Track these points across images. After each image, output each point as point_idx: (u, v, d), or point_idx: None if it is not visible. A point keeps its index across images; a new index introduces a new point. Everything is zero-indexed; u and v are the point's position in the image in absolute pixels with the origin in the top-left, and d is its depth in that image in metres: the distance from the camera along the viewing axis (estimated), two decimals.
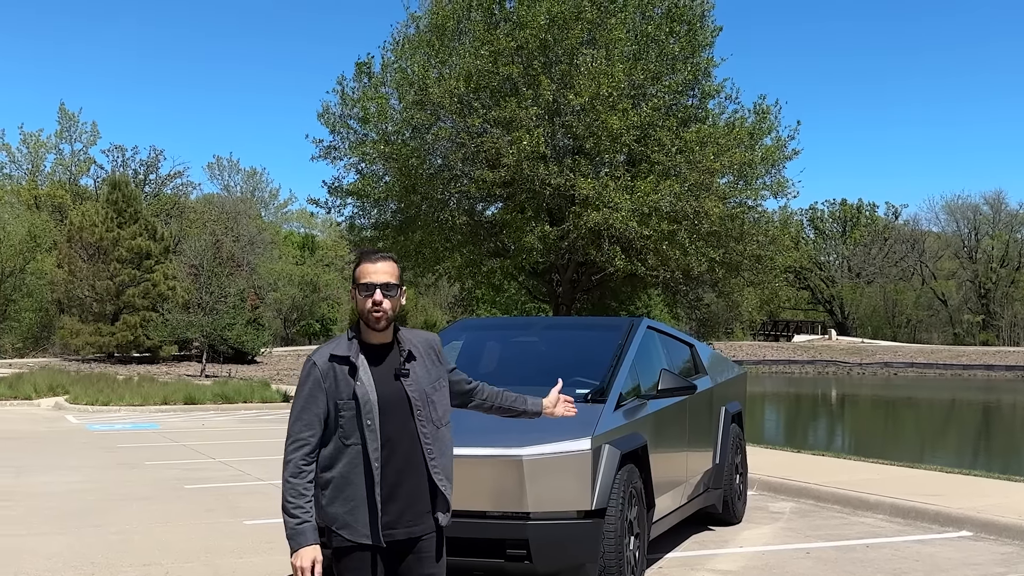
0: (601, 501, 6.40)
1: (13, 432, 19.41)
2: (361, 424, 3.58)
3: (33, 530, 9.36)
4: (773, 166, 23.96)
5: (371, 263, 3.71)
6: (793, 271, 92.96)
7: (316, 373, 3.63)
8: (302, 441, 3.58)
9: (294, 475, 3.56)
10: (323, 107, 24.71)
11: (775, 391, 43.72)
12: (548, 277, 25.38)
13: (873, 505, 10.43)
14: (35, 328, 58.93)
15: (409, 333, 3.84)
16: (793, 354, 72.26)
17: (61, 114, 73.35)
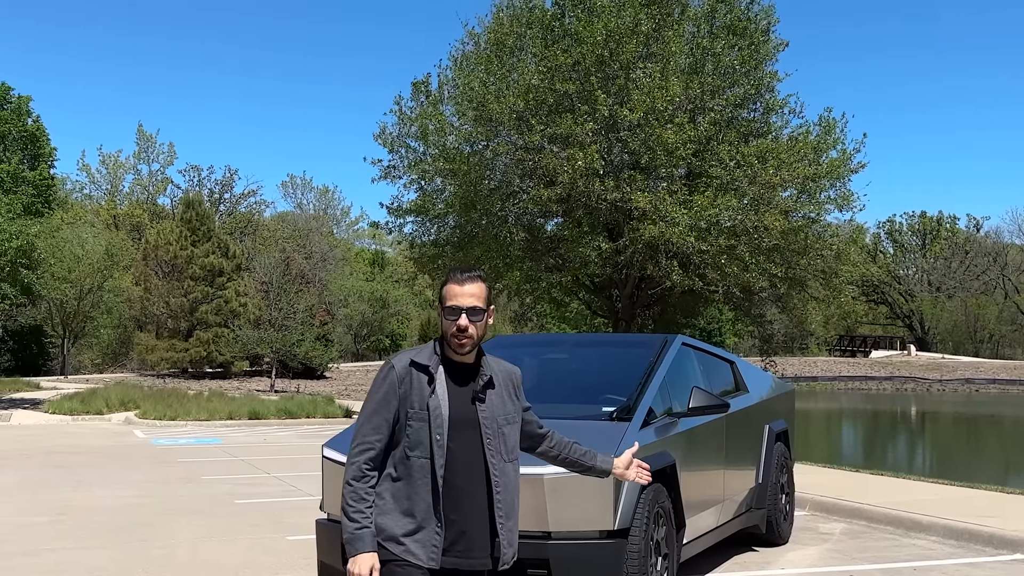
0: (624, 521, 6.30)
1: (81, 447, 19.86)
2: (430, 437, 3.45)
3: (80, 544, 9.54)
4: (838, 179, 23.55)
5: (458, 284, 3.55)
6: (870, 285, 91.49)
7: (393, 377, 3.52)
8: (367, 445, 3.47)
9: (356, 478, 3.45)
10: (380, 128, 25.00)
11: (850, 408, 42.86)
12: (608, 292, 25.25)
13: (926, 527, 10.14)
14: (114, 344, 60.36)
15: (493, 361, 3.73)
16: (870, 370, 70.85)
17: (139, 135, 75.36)
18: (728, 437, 8.39)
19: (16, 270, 28.09)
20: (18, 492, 13.11)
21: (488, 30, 24.18)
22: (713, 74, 22.67)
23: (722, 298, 23.59)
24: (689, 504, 7.34)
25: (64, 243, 46.57)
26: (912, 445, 27.51)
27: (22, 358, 55.38)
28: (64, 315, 51.30)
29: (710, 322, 74.29)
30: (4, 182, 43.68)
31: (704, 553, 8.62)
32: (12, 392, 36.41)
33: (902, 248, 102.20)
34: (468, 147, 23.78)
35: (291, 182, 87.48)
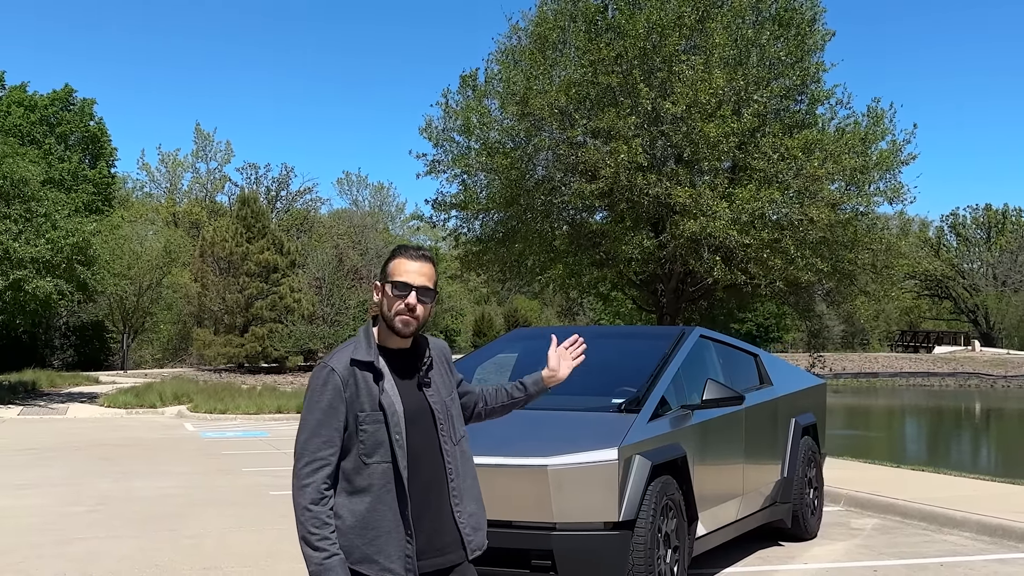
0: (629, 513, 6.27)
1: (130, 439, 20.25)
2: (390, 438, 3.14)
3: (112, 533, 9.73)
4: (888, 171, 23.15)
5: (410, 260, 3.27)
6: (933, 279, 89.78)
7: (336, 381, 3.15)
8: (321, 461, 3.11)
9: (315, 502, 3.09)
10: (426, 121, 25.16)
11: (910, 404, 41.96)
12: (653, 287, 25.12)
13: (960, 522, 9.94)
14: (173, 340, 61.43)
15: (421, 338, 3.41)
16: (932, 366, 69.49)
17: (197, 134, 76.54)
18: (748, 430, 8.30)
19: (72, 267, 28.70)
20: (62, 483, 13.41)
21: (532, 23, 24.18)
22: (758, 65, 22.44)
23: (767, 292, 23.31)
24: (703, 497, 7.28)
25: (124, 240, 47.50)
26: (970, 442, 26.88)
27: (84, 353, 56.63)
28: (124, 311, 52.32)
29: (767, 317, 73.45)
30: (65, 180, 44.77)
31: (727, 546, 8.57)
32: (71, 386, 37.28)
33: (966, 242, 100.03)
34: (511, 141, 23.81)
35: (346, 179, 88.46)
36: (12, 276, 26.65)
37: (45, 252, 27.19)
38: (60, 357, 55.86)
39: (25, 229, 27.52)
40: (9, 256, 26.65)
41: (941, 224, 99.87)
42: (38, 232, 27.59)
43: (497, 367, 8.60)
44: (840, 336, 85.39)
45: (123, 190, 71.26)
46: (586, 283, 24.90)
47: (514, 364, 8.54)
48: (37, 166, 33.47)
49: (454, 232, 27.13)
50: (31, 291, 27.27)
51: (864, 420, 30.65)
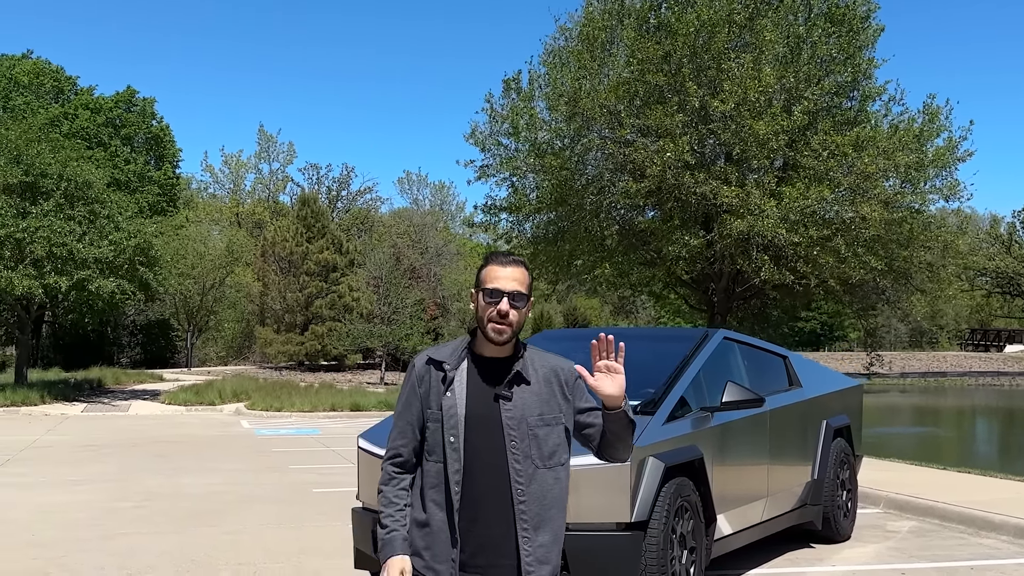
0: (641, 514, 6.32)
1: (186, 436, 20.71)
2: (443, 440, 3.17)
3: (155, 528, 10.01)
4: (944, 168, 22.78)
5: (500, 266, 3.24)
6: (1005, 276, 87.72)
7: (413, 377, 3.30)
8: (394, 450, 3.28)
9: (384, 482, 3.27)
10: (471, 128, 25.30)
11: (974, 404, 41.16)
12: (705, 286, 25.01)
13: (998, 525, 9.81)
14: (237, 338, 62.55)
15: (536, 354, 3.34)
16: (1003, 365, 68.08)
17: (260, 135, 77.85)
18: (773, 432, 8.29)
19: (135, 267, 29.41)
20: (114, 479, 13.79)
21: (579, 24, 24.22)
22: (809, 63, 22.20)
23: (820, 291, 23.07)
24: (724, 498, 7.30)
25: (187, 240, 48.50)
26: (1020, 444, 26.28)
27: (151, 351, 57.93)
28: (188, 310, 53.40)
29: (831, 315, 72.41)
30: (131, 182, 45.84)
31: (755, 547, 8.57)
32: (136, 384, 38.19)
33: None
34: (559, 142, 23.88)
35: (407, 178, 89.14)
36: (76, 276, 27.39)
37: (108, 253, 27.90)
38: (128, 355, 57.22)
39: (89, 230, 28.26)
40: (73, 257, 27.39)
41: (1013, 220, 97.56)
42: (101, 233, 28.32)
43: None
44: (907, 335, 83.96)
45: (188, 191, 72.72)
46: (635, 282, 24.88)
47: None
48: (102, 169, 34.37)
49: (505, 234, 27.27)
50: (95, 291, 27.98)
51: (923, 420, 30.18)
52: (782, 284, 21.90)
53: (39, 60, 49.70)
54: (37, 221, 27.28)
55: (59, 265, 27.46)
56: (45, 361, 48.16)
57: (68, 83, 49.82)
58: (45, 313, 41.66)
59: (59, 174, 28.44)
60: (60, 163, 28.81)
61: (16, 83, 47.30)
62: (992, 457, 21.66)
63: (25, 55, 50.20)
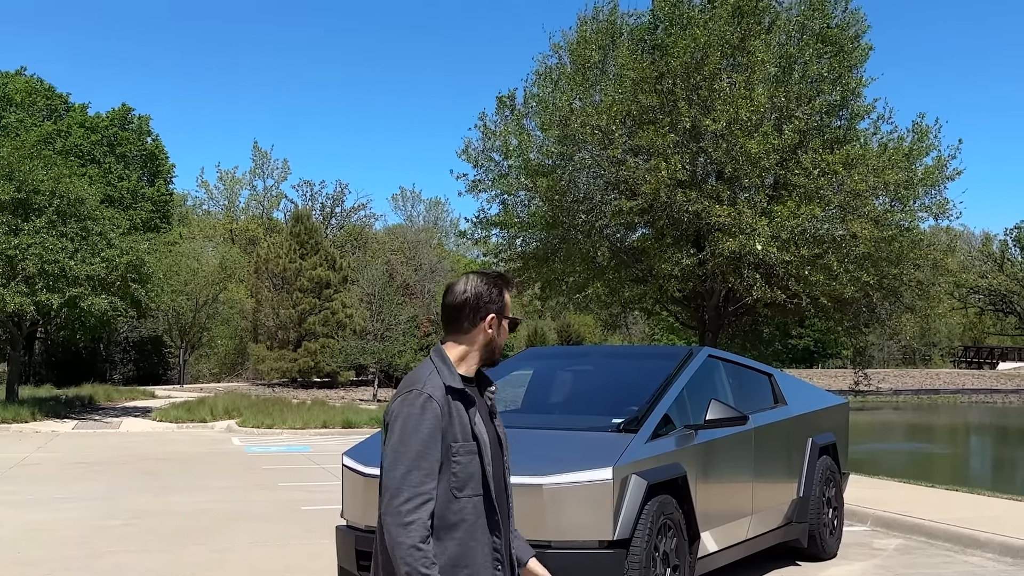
0: (624, 532, 6.36)
1: (176, 453, 20.68)
2: (483, 470, 2.98)
3: (142, 547, 10.01)
4: (933, 187, 22.92)
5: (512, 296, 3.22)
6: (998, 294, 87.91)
7: (435, 408, 2.94)
8: (425, 495, 2.88)
9: (424, 539, 2.85)
10: (464, 144, 25.42)
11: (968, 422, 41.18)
12: (696, 304, 25.08)
13: (983, 543, 9.85)
14: (230, 355, 62.43)
15: None
16: (996, 383, 68.02)
17: (255, 152, 78.00)
18: (758, 449, 8.33)
19: (127, 284, 29.39)
20: (102, 497, 13.77)
21: (572, 44, 24.36)
22: (800, 82, 22.36)
23: (811, 309, 23.15)
24: (707, 516, 7.33)
25: (180, 257, 48.49)
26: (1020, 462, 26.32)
27: (143, 368, 57.78)
28: (181, 326, 53.33)
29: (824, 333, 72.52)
30: (124, 199, 45.92)
31: (740, 565, 8.59)
32: (127, 400, 38.08)
33: None
34: (550, 161, 24.00)
35: (401, 195, 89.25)
36: (68, 293, 27.35)
37: (100, 270, 27.88)
38: (120, 372, 57.09)
39: (81, 247, 28.25)
40: (65, 274, 27.36)
41: (1005, 237, 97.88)
42: (94, 250, 28.30)
43: (511, 384, 8.72)
44: (900, 353, 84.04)
45: (183, 208, 72.75)
46: (627, 299, 24.94)
47: (528, 381, 8.67)
48: (95, 185, 34.40)
49: (494, 250, 27.35)
50: (87, 308, 27.96)
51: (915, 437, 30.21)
52: (774, 302, 21.97)
53: (32, 78, 49.85)
54: (29, 238, 27.28)
55: (51, 282, 27.43)
56: (37, 378, 48.03)
57: (60, 100, 49.96)
58: (37, 330, 41.62)
59: (51, 191, 28.44)
60: (53, 180, 28.82)
61: (9, 100, 47.41)
62: (983, 474, 21.70)
63: (19, 72, 50.34)
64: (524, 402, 8.30)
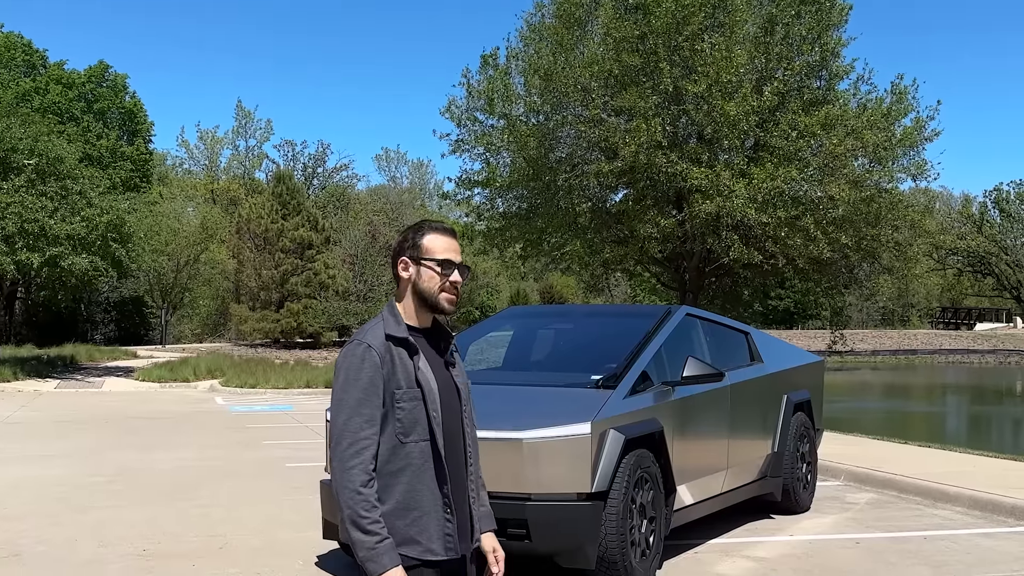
0: (602, 484, 6.51)
1: (159, 412, 20.78)
2: (428, 416, 3.03)
3: (127, 502, 10.14)
4: (911, 148, 23.06)
5: (445, 236, 3.13)
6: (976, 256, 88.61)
7: (373, 357, 3.00)
8: (365, 441, 2.96)
9: (365, 484, 2.94)
10: (448, 102, 25.36)
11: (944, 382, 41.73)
12: (676, 264, 25.24)
13: (953, 497, 10.09)
14: (212, 315, 62.39)
15: None
16: (972, 343, 68.70)
17: (238, 111, 77.37)
18: (734, 406, 8.50)
19: (107, 244, 29.30)
20: (87, 455, 13.88)
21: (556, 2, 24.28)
22: (781, 43, 22.39)
23: (789, 270, 23.34)
24: (683, 470, 7.50)
25: (161, 217, 48.26)
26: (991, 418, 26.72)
27: (125, 328, 57.73)
28: (162, 287, 53.22)
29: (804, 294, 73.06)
30: (103, 158, 45.58)
31: (716, 518, 8.79)
32: (109, 360, 38.11)
33: (1010, 217, 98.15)
34: (534, 118, 24.00)
35: (385, 156, 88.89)
36: (48, 253, 27.27)
37: (80, 229, 27.79)
38: (101, 332, 57.01)
39: (61, 206, 28.12)
40: (45, 233, 27.27)
41: (984, 200, 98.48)
42: (73, 210, 28.19)
43: (491, 344, 8.85)
44: (879, 314, 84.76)
45: (163, 167, 72.28)
46: (607, 260, 25.08)
47: (509, 341, 8.80)
48: (73, 144, 34.15)
49: (476, 209, 27.41)
50: (67, 267, 27.89)
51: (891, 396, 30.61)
52: (751, 263, 22.14)
53: (10, 33, 49.23)
54: (8, 197, 27.13)
55: (31, 241, 27.33)
56: (18, 338, 47.88)
57: (39, 57, 49.40)
58: (17, 290, 41.47)
59: (30, 149, 28.25)
60: (31, 138, 28.62)
61: None
62: (956, 432, 22.06)
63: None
64: (505, 360, 8.43)
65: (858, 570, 7.38)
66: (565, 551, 6.47)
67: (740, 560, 7.74)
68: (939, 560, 7.72)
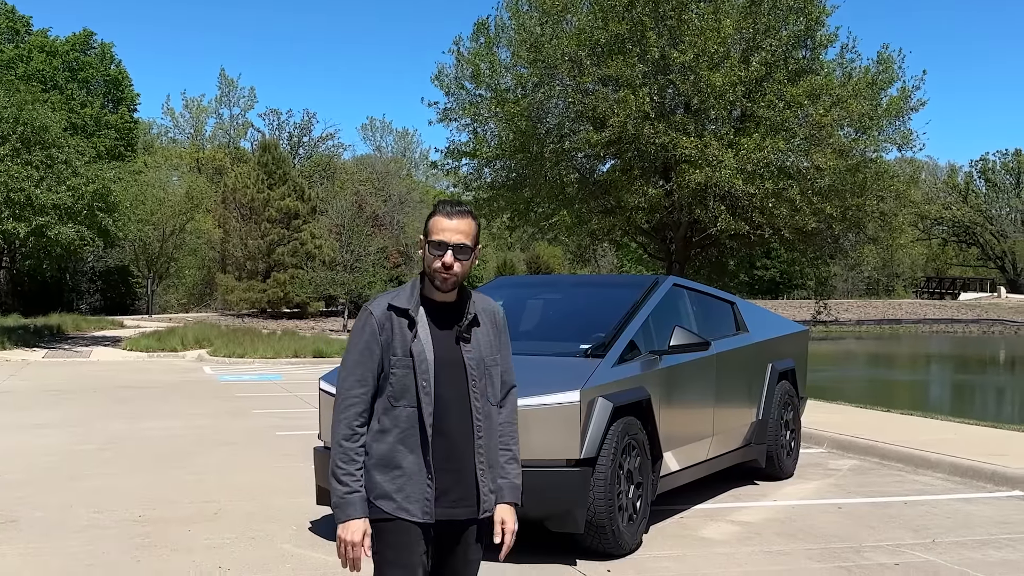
0: (590, 451, 6.65)
1: (148, 382, 20.86)
2: (416, 385, 3.26)
3: (120, 470, 10.24)
4: (897, 118, 23.18)
5: (447, 217, 3.32)
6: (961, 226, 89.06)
7: (373, 323, 3.30)
8: (354, 399, 3.27)
9: (347, 438, 3.25)
10: (438, 69, 25.32)
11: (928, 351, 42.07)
12: (664, 235, 25.37)
13: (934, 464, 10.29)
14: (198, 285, 62.34)
15: (478, 298, 3.48)
16: (957, 313, 69.22)
17: (221, 79, 76.97)
18: (719, 374, 8.64)
19: (93, 214, 29.22)
20: (77, 424, 13.96)
21: None
22: (769, 13, 22.42)
23: (775, 240, 23.50)
24: (669, 437, 7.65)
25: (146, 186, 48.08)
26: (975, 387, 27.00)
27: (110, 298, 57.62)
28: (148, 256, 53.10)
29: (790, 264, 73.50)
30: (88, 126, 45.32)
31: (701, 484, 8.97)
32: (96, 330, 38.10)
33: (995, 188, 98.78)
34: (521, 89, 24.01)
35: (370, 125, 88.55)
36: (35, 222, 27.20)
37: (66, 199, 27.70)
38: (87, 301, 56.89)
39: (46, 176, 28.01)
40: (31, 202, 27.17)
41: (970, 170, 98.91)
42: (59, 179, 28.08)
43: None
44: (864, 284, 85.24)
45: (148, 136, 71.83)
46: (595, 230, 25.18)
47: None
48: (58, 113, 33.94)
49: (464, 179, 27.45)
50: (53, 237, 27.82)
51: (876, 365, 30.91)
52: (738, 233, 22.29)
53: None
54: None
55: (17, 211, 27.24)
56: (3, 307, 47.73)
57: (22, 23, 48.97)
58: (3, 259, 41.31)
59: (15, 118, 28.08)
60: (16, 106, 28.44)
61: None
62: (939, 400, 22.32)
63: None
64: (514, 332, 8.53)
65: (840, 533, 7.56)
66: (555, 516, 6.61)
67: (724, 524, 7.90)
68: (919, 524, 7.90)
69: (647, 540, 7.24)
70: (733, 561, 6.75)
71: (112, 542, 7.17)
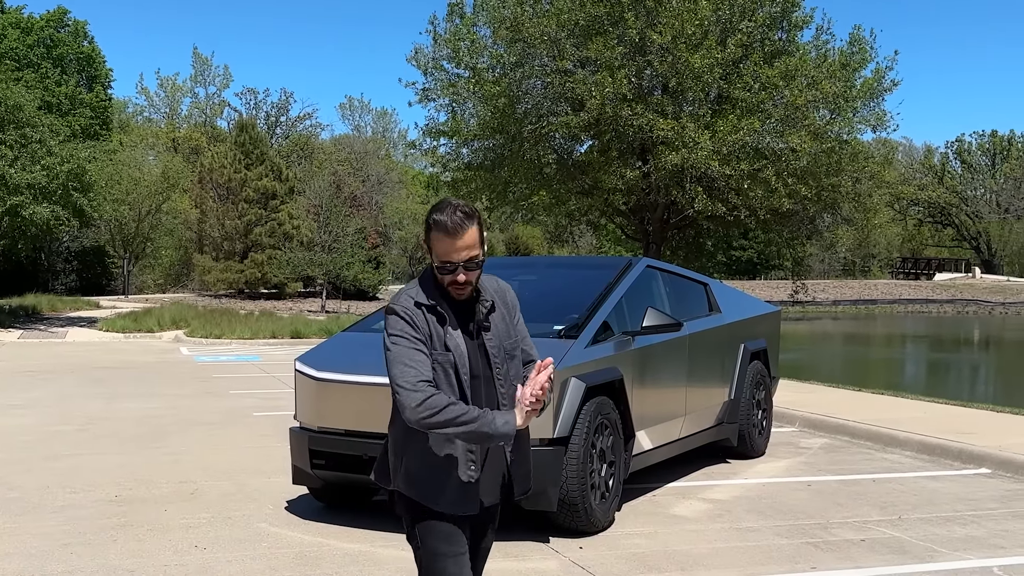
0: (563, 430, 6.74)
1: (125, 362, 20.82)
2: (458, 376, 3.28)
3: (97, 450, 10.27)
4: (871, 99, 23.34)
5: (448, 236, 3.23)
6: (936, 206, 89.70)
7: (410, 319, 3.28)
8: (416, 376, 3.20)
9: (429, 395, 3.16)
10: (414, 50, 25.26)
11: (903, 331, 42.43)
12: (641, 216, 25.49)
13: (902, 442, 10.47)
14: (175, 266, 62.03)
15: (488, 280, 3.50)
16: (932, 293, 69.76)
17: (195, 57, 76.41)
18: (692, 354, 8.75)
19: (68, 193, 29.05)
20: (54, 404, 13.95)
21: None
22: None
23: (752, 222, 23.67)
24: (642, 416, 7.75)
25: (122, 166, 47.74)
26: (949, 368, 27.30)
27: (86, 278, 57.25)
28: (124, 236, 52.78)
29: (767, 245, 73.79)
30: (62, 104, 44.95)
31: (674, 463, 9.09)
32: (72, 311, 37.87)
33: (971, 169, 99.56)
34: (500, 69, 24.02)
35: (348, 104, 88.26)
36: (9, 202, 27.04)
37: (41, 178, 27.53)
38: (63, 282, 56.51)
39: (20, 155, 27.82)
40: (5, 182, 27.00)
41: (946, 151, 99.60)
42: (33, 158, 27.90)
43: None
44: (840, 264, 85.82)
45: (123, 115, 71.27)
46: (572, 210, 25.28)
47: None
48: (32, 91, 33.67)
49: (442, 159, 27.45)
50: (28, 216, 27.66)
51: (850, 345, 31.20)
52: (715, 215, 22.43)
53: None
54: None
55: None
56: None
57: None
58: None
59: None
60: None
61: None
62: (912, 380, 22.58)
63: None
64: None
65: (808, 510, 7.70)
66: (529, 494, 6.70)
67: (696, 502, 8.03)
68: (886, 501, 8.06)
69: (619, 518, 7.35)
70: (703, 538, 6.88)
71: (88, 522, 7.22)
